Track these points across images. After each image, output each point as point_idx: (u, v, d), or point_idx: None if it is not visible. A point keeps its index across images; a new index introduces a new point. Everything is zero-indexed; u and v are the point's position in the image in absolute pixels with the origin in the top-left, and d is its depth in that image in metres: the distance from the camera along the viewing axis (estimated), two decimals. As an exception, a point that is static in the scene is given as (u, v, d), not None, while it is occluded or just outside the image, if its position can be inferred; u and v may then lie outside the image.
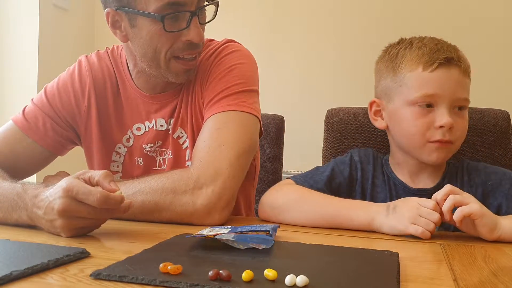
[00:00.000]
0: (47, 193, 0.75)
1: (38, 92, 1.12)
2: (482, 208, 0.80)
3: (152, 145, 1.08)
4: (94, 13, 2.40)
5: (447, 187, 0.83)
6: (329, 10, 2.21)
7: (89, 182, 0.76)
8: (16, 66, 2.15)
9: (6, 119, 1.09)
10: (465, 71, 0.95)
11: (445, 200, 0.81)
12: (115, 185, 0.75)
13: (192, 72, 1.03)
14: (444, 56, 0.93)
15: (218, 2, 1.00)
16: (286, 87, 2.26)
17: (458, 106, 0.95)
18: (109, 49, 1.13)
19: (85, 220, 0.74)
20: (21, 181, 0.85)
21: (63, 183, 0.73)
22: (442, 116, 0.93)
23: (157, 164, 1.09)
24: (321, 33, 2.22)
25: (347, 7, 2.18)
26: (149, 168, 1.09)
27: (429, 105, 0.94)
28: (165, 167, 1.07)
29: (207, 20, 1.01)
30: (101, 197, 0.71)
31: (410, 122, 0.96)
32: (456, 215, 0.79)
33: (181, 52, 0.97)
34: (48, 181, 0.99)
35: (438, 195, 0.82)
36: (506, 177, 0.98)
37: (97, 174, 0.76)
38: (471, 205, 0.79)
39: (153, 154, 1.08)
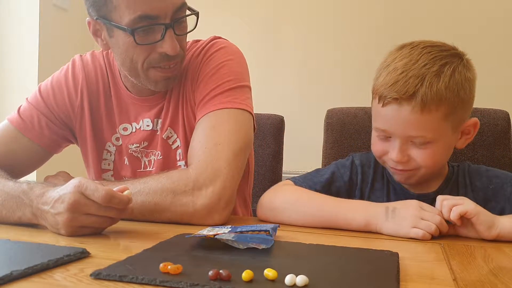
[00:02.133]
0: (57, 189, 0.76)
1: (37, 92, 1.12)
2: (477, 207, 0.81)
3: (138, 145, 1.08)
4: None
5: (439, 197, 0.84)
6: (329, 10, 2.21)
7: None
8: (16, 66, 2.15)
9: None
10: (423, 108, 0.87)
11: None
12: (125, 185, 0.78)
13: (172, 81, 1.01)
14: (394, 97, 0.88)
15: (198, 12, 0.99)
16: (286, 87, 2.26)
17: (413, 140, 0.91)
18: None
19: (90, 219, 0.75)
20: (26, 181, 0.86)
21: (75, 180, 0.75)
22: (393, 151, 0.92)
23: (142, 165, 1.08)
24: (322, 33, 2.22)
25: (348, 7, 2.19)
26: (135, 169, 1.09)
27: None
28: (151, 169, 1.07)
29: (187, 31, 0.99)
30: (106, 195, 0.73)
31: (373, 148, 0.98)
32: (453, 214, 0.80)
33: (157, 63, 0.96)
34: (49, 181, 0.99)
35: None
36: (508, 181, 0.97)
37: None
38: (465, 204, 0.80)
39: (138, 155, 1.08)
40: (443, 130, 0.91)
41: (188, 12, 0.97)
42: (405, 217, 0.82)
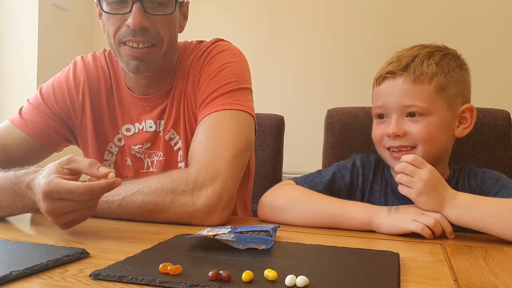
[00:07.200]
0: (35, 185, 0.75)
1: (37, 91, 1.12)
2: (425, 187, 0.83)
3: (141, 146, 1.08)
4: (94, 13, 2.39)
5: (409, 158, 0.86)
6: (328, 10, 2.21)
7: (76, 172, 0.76)
8: (15, 66, 2.15)
9: (6, 119, 1.10)
10: (415, 79, 0.94)
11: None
12: (104, 169, 0.74)
13: (144, 65, 0.99)
14: (388, 70, 0.97)
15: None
16: (286, 87, 2.26)
17: (408, 113, 0.95)
18: (106, 50, 1.13)
19: (73, 213, 0.74)
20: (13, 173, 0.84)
21: (41, 184, 0.72)
22: (388, 125, 0.96)
23: (145, 166, 1.08)
24: (321, 33, 2.21)
25: (347, 7, 2.18)
26: (137, 170, 1.09)
27: (383, 116, 0.99)
28: (154, 170, 1.07)
29: (163, 13, 0.96)
30: (84, 191, 0.71)
31: (373, 133, 1.02)
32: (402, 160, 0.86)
33: (124, 37, 0.96)
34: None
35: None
36: (499, 182, 0.96)
37: (83, 165, 0.74)
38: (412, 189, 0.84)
39: (141, 156, 1.08)
40: (436, 104, 0.94)
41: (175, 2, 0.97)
42: (406, 212, 0.84)
